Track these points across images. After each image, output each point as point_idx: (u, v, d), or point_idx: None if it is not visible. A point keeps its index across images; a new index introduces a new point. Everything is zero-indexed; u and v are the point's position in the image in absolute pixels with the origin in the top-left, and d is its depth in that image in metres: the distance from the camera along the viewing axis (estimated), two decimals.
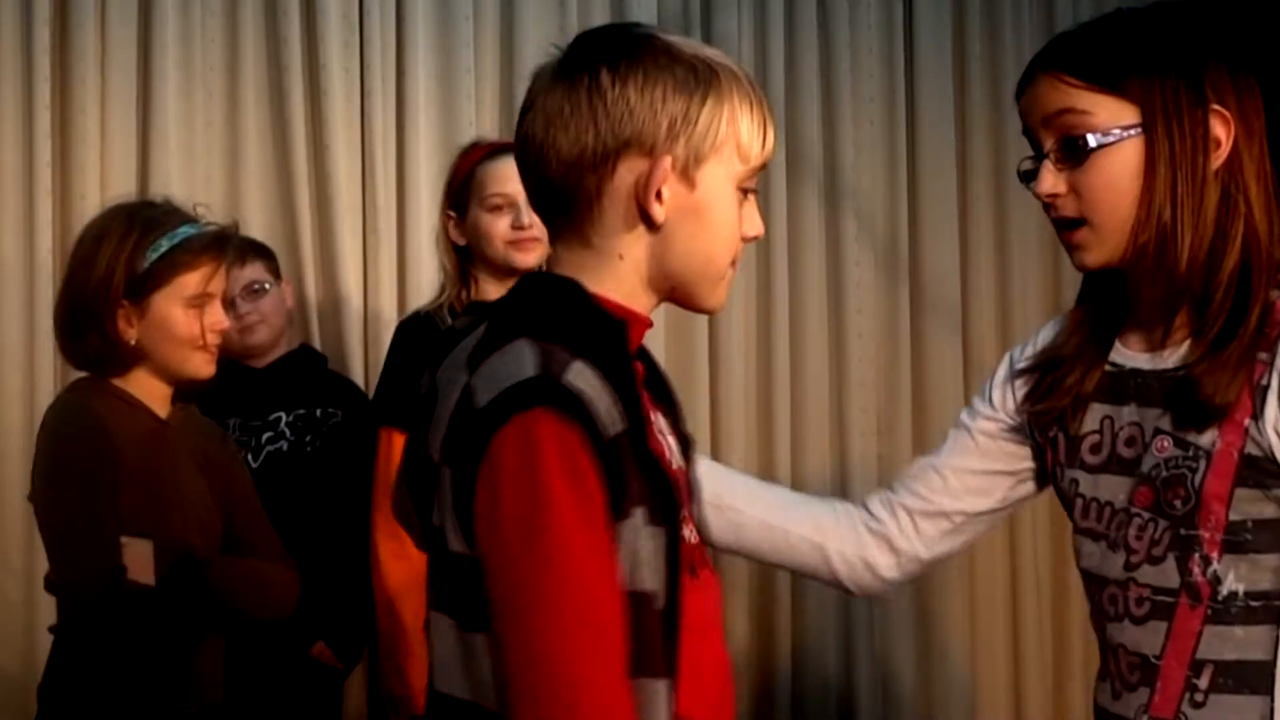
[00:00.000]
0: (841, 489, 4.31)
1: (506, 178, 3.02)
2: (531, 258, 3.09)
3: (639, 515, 1.52)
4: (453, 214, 3.15)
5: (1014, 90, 4.70)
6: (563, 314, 1.57)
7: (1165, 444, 1.74)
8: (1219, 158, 1.74)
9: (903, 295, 4.39)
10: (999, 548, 4.47)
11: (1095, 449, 1.84)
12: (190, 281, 2.66)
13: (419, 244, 3.87)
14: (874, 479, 4.35)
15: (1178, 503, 1.72)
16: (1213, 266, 1.73)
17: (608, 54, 1.59)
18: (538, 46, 4.00)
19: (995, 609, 4.47)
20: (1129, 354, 1.84)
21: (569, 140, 1.57)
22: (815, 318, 4.30)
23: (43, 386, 3.59)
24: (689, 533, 1.64)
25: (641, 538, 1.52)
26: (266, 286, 3.43)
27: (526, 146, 1.62)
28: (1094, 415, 1.85)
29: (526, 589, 1.45)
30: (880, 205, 4.38)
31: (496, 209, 3.09)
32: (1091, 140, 1.75)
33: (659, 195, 1.57)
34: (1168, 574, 1.74)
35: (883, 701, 4.31)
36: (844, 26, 4.34)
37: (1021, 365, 1.97)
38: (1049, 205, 1.81)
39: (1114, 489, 1.80)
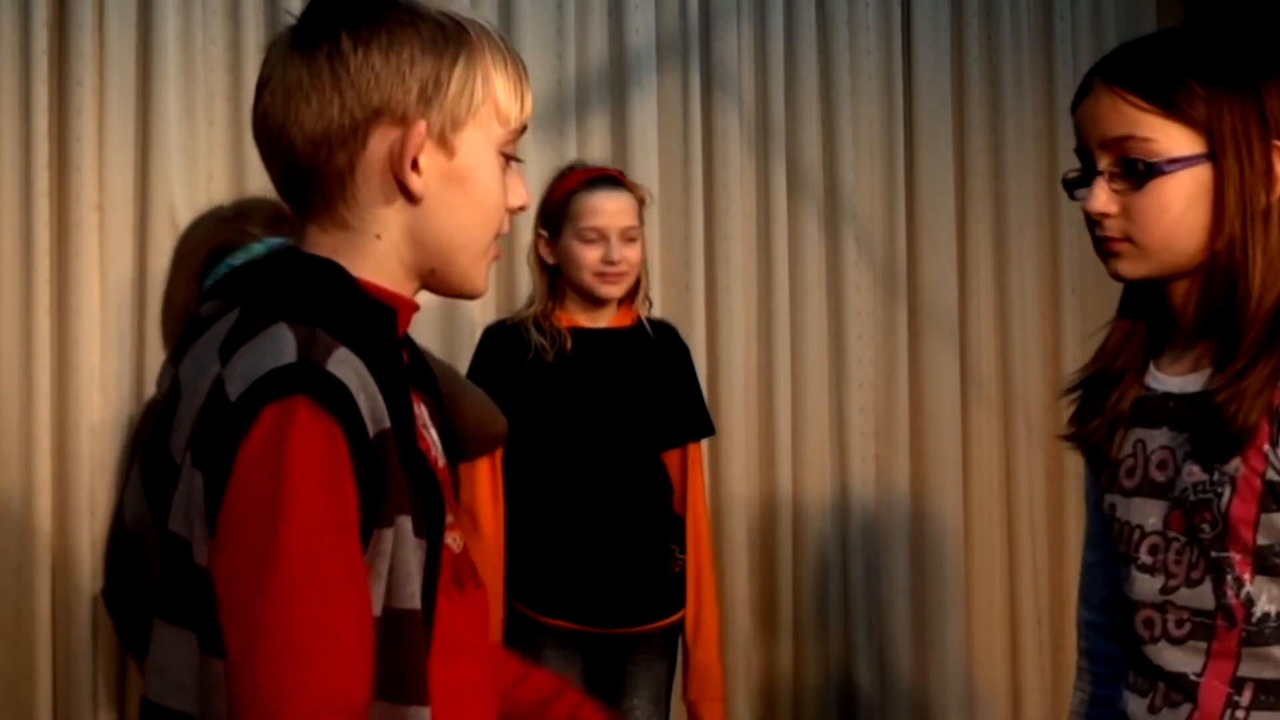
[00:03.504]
0: (841, 493, 4.31)
1: (601, 211, 3.15)
2: (617, 290, 3.19)
3: (405, 525, 1.40)
4: (544, 233, 3.21)
5: (1013, 100, 4.73)
6: (325, 295, 1.44)
7: (1194, 468, 1.73)
8: (1276, 190, 1.72)
9: (901, 311, 4.39)
10: (997, 548, 4.47)
11: (1130, 473, 1.83)
12: None
13: None
14: (873, 480, 4.35)
15: (1205, 526, 1.72)
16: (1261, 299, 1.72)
17: (347, 17, 1.46)
18: (535, 49, 4.01)
19: (994, 610, 4.47)
20: (1163, 377, 1.82)
21: (313, 114, 1.45)
22: (815, 330, 4.30)
23: (40, 388, 3.58)
24: (452, 540, 1.50)
25: (407, 549, 1.40)
26: None
27: (266, 125, 1.48)
28: (1130, 439, 1.83)
29: (252, 596, 1.31)
30: (879, 221, 4.38)
31: (590, 241, 3.15)
32: (1155, 167, 1.71)
33: (415, 165, 1.46)
34: (1204, 596, 1.74)
35: (881, 699, 4.31)
36: (843, 28, 4.33)
37: (1069, 383, 1.94)
38: (1095, 222, 1.77)
39: (1146, 513, 1.80)
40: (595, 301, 3.21)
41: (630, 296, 3.27)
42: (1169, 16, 4.55)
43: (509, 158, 1.53)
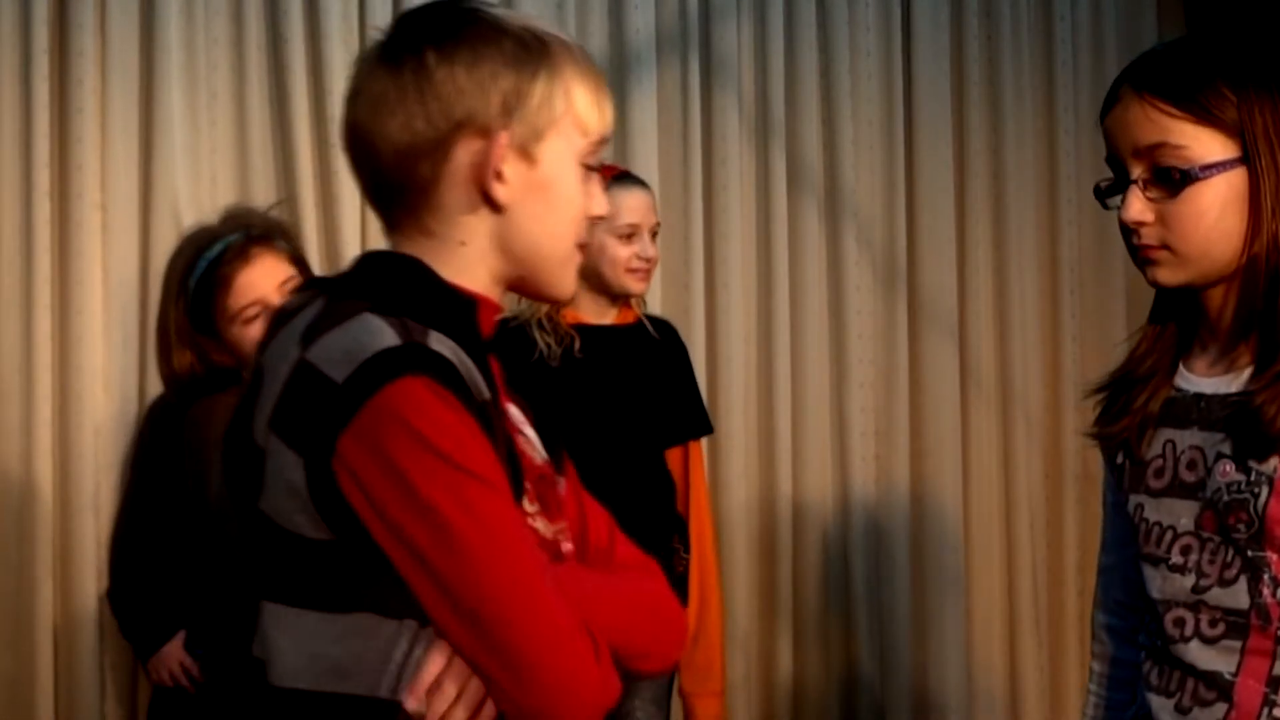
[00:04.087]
0: (842, 493, 4.32)
1: (636, 208, 3.19)
2: (645, 286, 3.24)
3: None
4: None
5: (1013, 100, 4.73)
6: (408, 288, 1.51)
7: (1228, 468, 1.73)
8: None
9: (901, 311, 4.39)
10: (996, 547, 4.48)
11: (1159, 473, 1.82)
12: (230, 304, 2.78)
13: None
14: (873, 480, 4.35)
15: (1241, 526, 1.72)
16: None
17: (432, 33, 1.52)
18: None
19: (993, 609, 4.48)
20: (1193, 378, 1.82)
21: (398, 126, 1.50)
22: (815, 330, 4.30)
23: (41, 387, 3.58)
24: (544, 526, 1.57)
25: None
26: None
27: (355, 136, 1.55)
28: (1158, 439, 1.83)
29: (474, 556, 1.40)
30: (879, 220, 4.38)
31: (627, 237, 3.17)
32: (1189, 174, 1.71)
33: (499, 175, 1.51)
34: (1238, 596, 1.74)
35: (881, 698, 4.32)
36: (843, 27, 4.34)
37: (1096, 384, 1.93)
38: (1132, 231, 1.77)
39: (1176, 512, 1.79)
40: (614, 297, 3.22)
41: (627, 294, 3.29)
42: (1169, 16, 4.56)
43: (590, 168, 1.58)
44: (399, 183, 1.52)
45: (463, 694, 1.45)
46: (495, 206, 1.53)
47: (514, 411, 1.60)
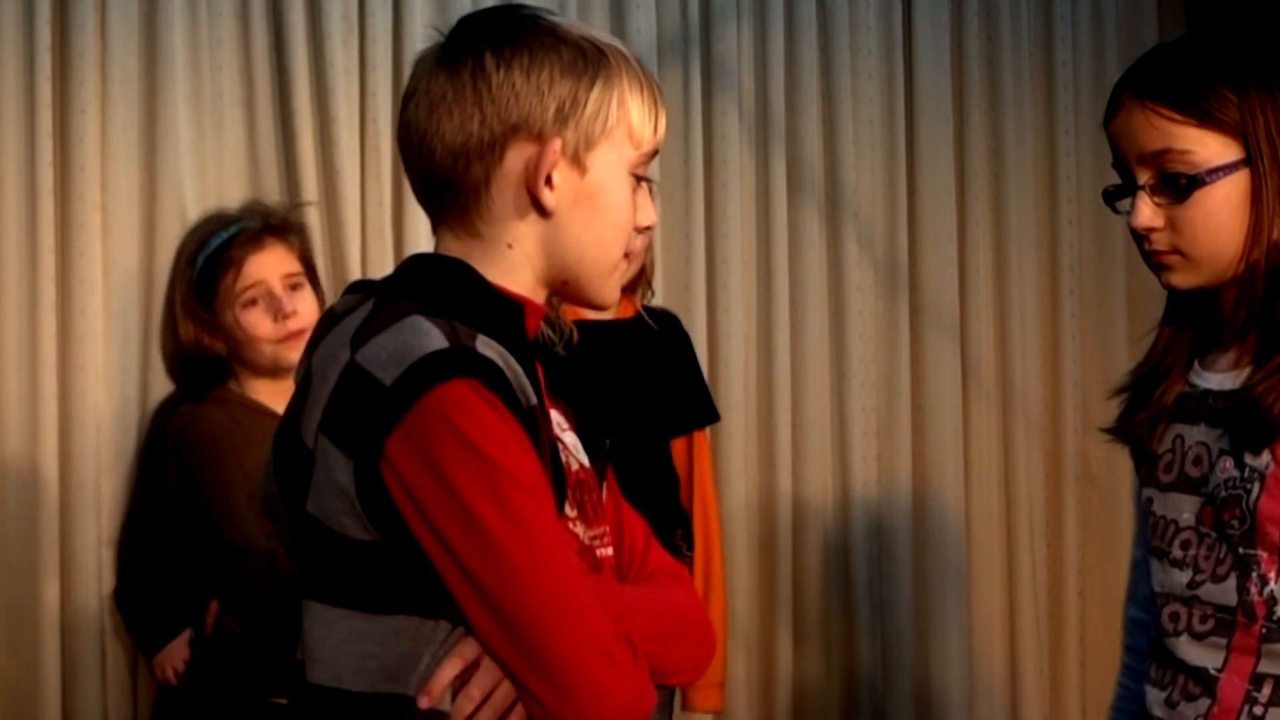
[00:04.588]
0: (843, 493, 4.32)
1: None
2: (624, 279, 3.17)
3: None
4: None
5: (1013, 100, 4.73)
6: (456, 291, 1.52)
7: (1227, 464, 1.75)
8: None
9: (902, 311, 4.39)
10: (997, 547, 4.48)
11: (1168, 468, 1.84)
12: (234, 285, 2.83)
13: (416, 244, 3.86)
14: (874, 480, 4.36)
15: (1235, 522, 1.73)
16: None
17: (491, 37, 1.55)
18: None
19: (993, 609, 4.48)
20: (1205, 375, 1.84)
21: (454, 127, 1.53)
22: (815, 330, 4.30)
23: (44, 387, 3.58)
24: (582, 532, 1.59)
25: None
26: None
27: (410, 134, 1.57)
28: (1169, 434, 1.85)
29: (515, 563, 1.42)
30: (880, 220, 4.39)
31: None
32: (1196, 179, 1.72)
33: (549, 181, 1.53)
34: (1228, 592, 1.75)
35: (883, 698, 4.32)
36: (844, 28, 4.34)
37: (1119, 385, 1.96)
38: (1143, 237, 1.78)
39: (1180, 507, 1.81)
40: None
41: (631, 287, 3.27)
42: (1169, 16, 4.56)
43: (640, 178, 1.60)
44: (450, 183, 1.55)
45: (490, 698, 1.47)
46: (543, 212, 1.55)
47: (555, 416, 1.61)
